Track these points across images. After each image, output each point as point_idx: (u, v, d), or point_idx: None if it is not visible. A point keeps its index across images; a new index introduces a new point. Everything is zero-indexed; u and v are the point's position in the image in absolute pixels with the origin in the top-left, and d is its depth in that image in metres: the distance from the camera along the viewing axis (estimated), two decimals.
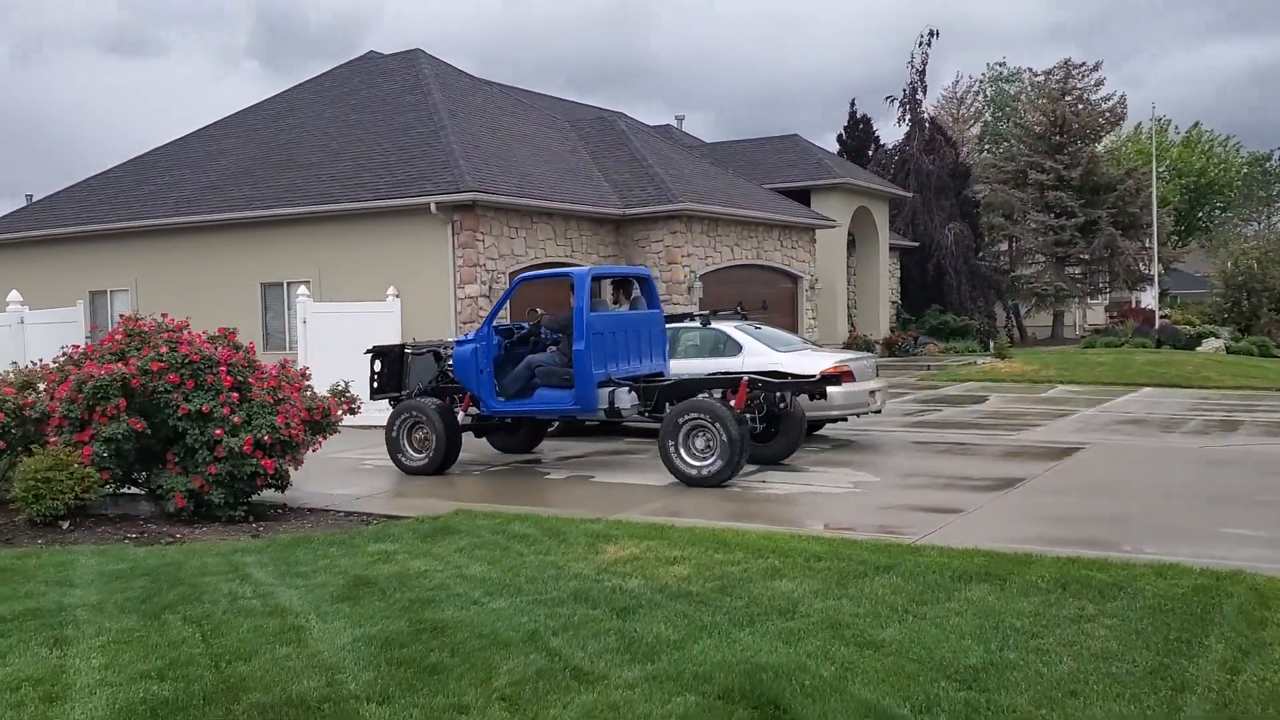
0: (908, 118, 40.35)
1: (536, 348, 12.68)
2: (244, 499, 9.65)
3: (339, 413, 10.73)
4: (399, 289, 19.16)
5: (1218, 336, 33.60)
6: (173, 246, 23.23)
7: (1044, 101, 44.84)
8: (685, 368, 13.86)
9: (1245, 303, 38.59)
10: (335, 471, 12.49)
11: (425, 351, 13.67)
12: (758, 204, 26.58)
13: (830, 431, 15.52)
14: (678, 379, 12.52)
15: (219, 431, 9.31)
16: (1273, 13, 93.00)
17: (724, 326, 14.93)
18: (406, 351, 13.76)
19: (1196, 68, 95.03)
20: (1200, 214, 62.69)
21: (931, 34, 40.11)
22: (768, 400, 11.94)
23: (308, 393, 10.48)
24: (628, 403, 12.06)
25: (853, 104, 44.68)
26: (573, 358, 11.91)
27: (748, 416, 11.57)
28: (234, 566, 7.45)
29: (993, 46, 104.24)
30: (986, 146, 56.05)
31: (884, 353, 31.80)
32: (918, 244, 37.72)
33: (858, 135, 41.44)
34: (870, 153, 40.80)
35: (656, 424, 11.67)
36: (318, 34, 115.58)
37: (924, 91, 40.52)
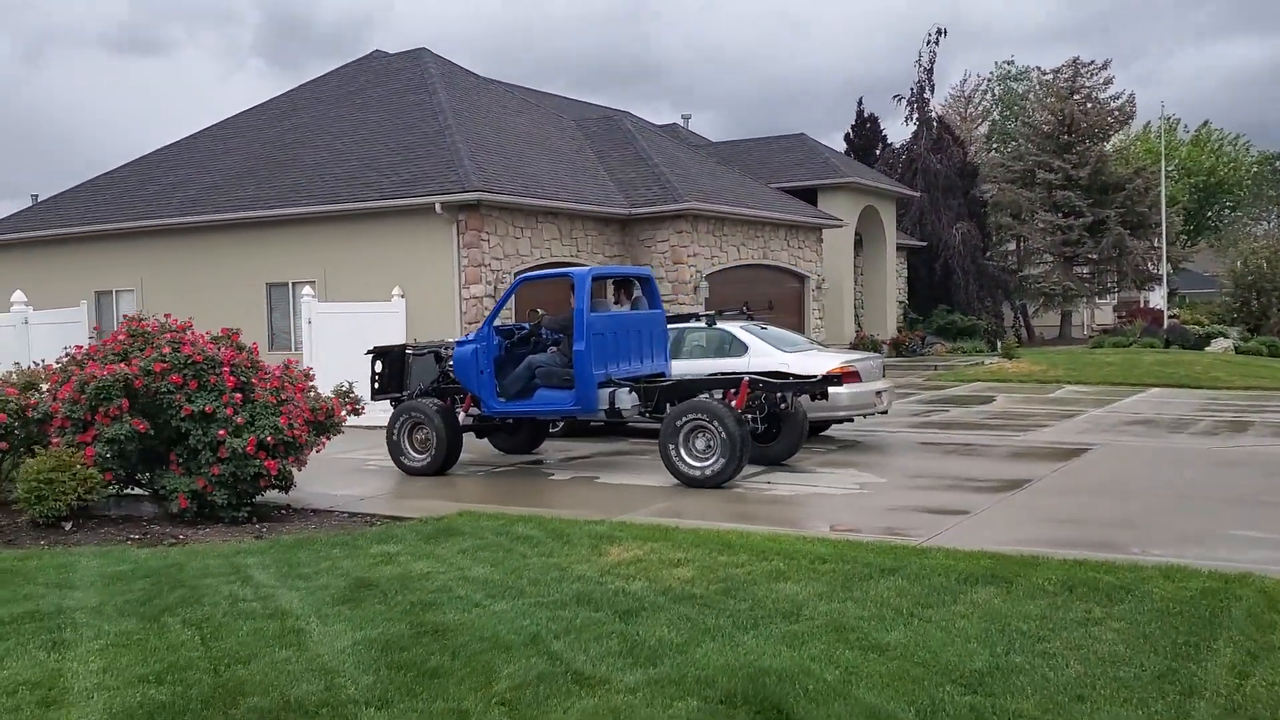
0: (915, 117, 40.23)
1: (537, 348, 12.65)
2: (247, 500, 9.63)
3: (342, 413, 10.72)
4: (404, 289, 19.16)
5: (1227, 336, 33.47)
6: (178, 246, 23.24)
7: (1052, 100, 44.66)
8: (691, 368, 13.80)
9: (1255, 302, 38.47)
10: (339, 472, 12.48)
11: (426, 352, 13.65)
12: (764, 203, 26.50)
13: (836, 432, 15.47)
14: (678, 379, 12.47)
15: (222, 432, 9.30)
16: None
17: (729, 327, 14.86)
18: (407, 352, 13.74)
19: (1206, 66, 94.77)
20: (1209, 213, 62.46)
21: (939, 32, 40.01)
22: (768, 401, 11.89)
23: (311, 393, 10.46)
24: (628, 403, 12.02)
25: (860, 103, 44.92)
26: (573, 358, 11.88)
27: (748, 417, 11.52)
28: (236, 568, 7.42)
29: (1001, 45, 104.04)
30: (994, 146, 55.88)
31: (891, 353, 31.71)
32: (925, 243, 37.62)
33: (865, 134, 41.35)
34: (877, 152, 40.70)
35: (658, 424, 11.62)
36: (325, 33, 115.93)
37: (932, 90, 40.41)
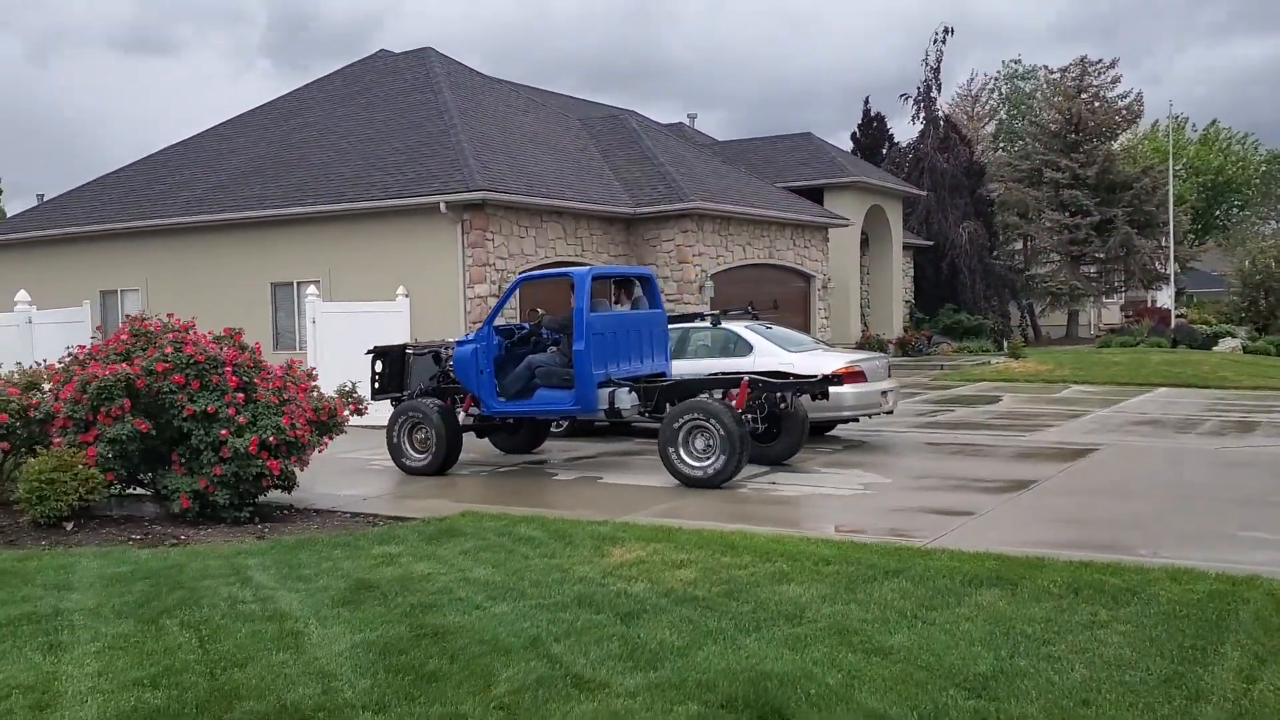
0: (922, 116, 40.15)
1: (537, 348, 12.62)
2: (249, 500, 9.60)
3: (345, 413, 10.69)
4: (409, 288, 19.11)
5: (1234, 336, 33.34)
6: (183, 246, 23.23)
7: (1060, 99, 44.49)
8: (696, 368, 13.74)
9: (1263, 301, 38.34)
10: (342, 472, 12.45)
11: (426, 352, 13.62)
12: (770, 203, 26.42)
13: (842, 432, 15.41)
14: (678, 379, 12.43)
15: (224, 432, 9.27)
16: None
17: (734, 326, 14.80)
18: (407, 352, 13.72)
19: (1214, 65, 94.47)
20: (1217, 212, 62.22)
21: (946, 31, 39.98)
22: (768, 400, 11.83)
23: (314, 393, 10.43)
24: (628, 403, 11.98)
25: (866, 102, 44.69)
26: (573, 358, 11.84)
27: (747, 417, 11.46)
28: (236, 569, 7.38)
29: (1008, 44, 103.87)
30: (1001, 145, 55.67)
31: (897, 352, 31.63)
32: (932, 243, 37.52)
33: (871, 133, 41.28)
34: (884, 151, 40.61)
35: (659, 424, 11.58)
36: (332, 33, 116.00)
37: (938, 89, 40.33)
